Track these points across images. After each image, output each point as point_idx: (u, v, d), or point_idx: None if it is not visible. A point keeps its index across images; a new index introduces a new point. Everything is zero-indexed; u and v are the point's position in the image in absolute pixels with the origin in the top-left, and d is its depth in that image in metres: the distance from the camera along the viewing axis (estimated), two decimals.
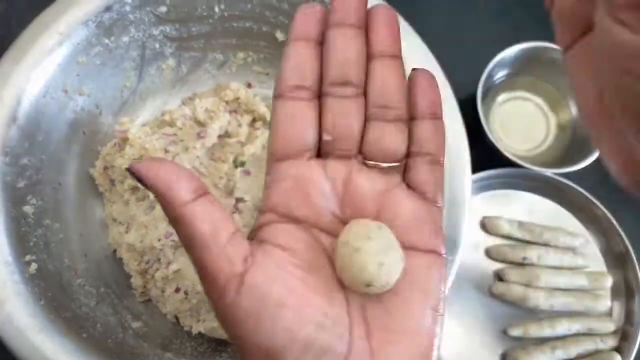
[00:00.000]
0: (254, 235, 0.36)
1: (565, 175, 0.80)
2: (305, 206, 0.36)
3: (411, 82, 0.39)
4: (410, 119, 0.38)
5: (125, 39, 0.68)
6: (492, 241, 0.82)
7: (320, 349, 0.31)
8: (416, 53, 0.64)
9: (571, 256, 0.80)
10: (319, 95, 0.38)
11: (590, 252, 0.83)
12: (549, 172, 0.80)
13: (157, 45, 0.72)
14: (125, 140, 0.67)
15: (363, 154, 0.37)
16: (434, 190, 0.37)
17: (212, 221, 0.32)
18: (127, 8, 0.65)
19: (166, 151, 0.65)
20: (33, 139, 0.61)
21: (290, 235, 0.35)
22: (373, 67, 0.38)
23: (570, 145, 0.86)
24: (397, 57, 0.39)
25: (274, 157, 0.37)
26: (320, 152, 0.38)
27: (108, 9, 0.64)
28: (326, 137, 0.37)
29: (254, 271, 0.32)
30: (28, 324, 0.53)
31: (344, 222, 0.36)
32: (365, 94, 0.38)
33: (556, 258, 0.79)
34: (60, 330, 0.55)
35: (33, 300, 0.55)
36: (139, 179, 0.32)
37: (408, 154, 0.38)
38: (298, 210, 0.36)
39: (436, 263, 0.35)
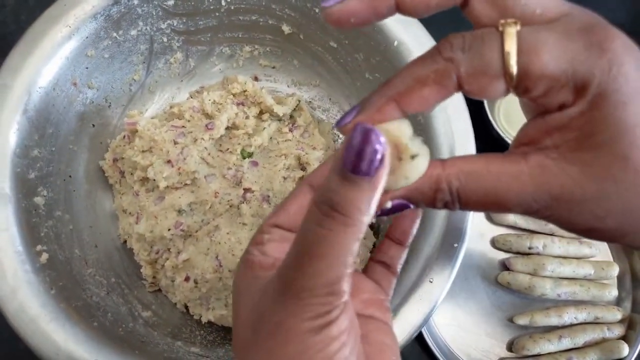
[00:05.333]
0: None
1: None
2: None
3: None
4: (385, 236, 0.45)
5: (134, 32, 0.69)
6: (498, 231, 0.82)
7: None
8: (421, 44, 0.64)
9: (577, 245, 0.80)
10: None
11: (596, 241, 0.83)
12: None
13: (165, 39, 0.72)
14: (134, 132, 0.67)
15: None
16: (386, 287, 0.45)
17: None
18: (135, 1, 0.66)
19: (175, 143, 0.65)
20: (43, 131, 0.62)
21: None
22: None
23: None
24: None
25: None
26: None
27: (116, 2, 0.65)
28: None
29: None
30: (39, 313, 0.54)
31: None
32: None
33: (562, 247, 0.79)
34: (71, 319, 0.56)
35: (44, 290, 0.56)
36: None
37: (371, 258, 0.46)
38: None
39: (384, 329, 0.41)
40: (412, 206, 0.35)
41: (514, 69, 0.30)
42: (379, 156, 0.30)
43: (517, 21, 0.31)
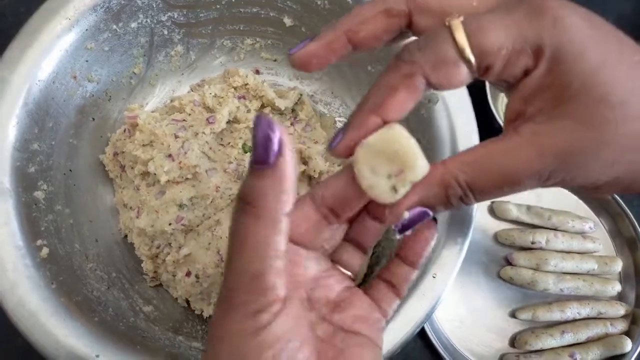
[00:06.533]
0: None
1: None
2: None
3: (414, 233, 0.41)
4: (396, 255, 0.43)
5: (134, 25, 0.68)
6: (501, 226, 0.82)
7: None
8: None
9: (580, 240, 0.80)
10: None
11: (599, 236, 0.82)
12: None
13: (165, 32, 0.72)
14: (134, 126, 0.67)
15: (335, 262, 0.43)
16: (385, 308, 0.42)
17: None
18: None
19: (176, 137, 0.65)
20: (43, 124, 0.61)
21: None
22: None
23: None
24: None
25: None
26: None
27: None
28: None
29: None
30: (39, 308, 0.54)
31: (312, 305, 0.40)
32: None
33: (565, 242, 0.79)
34: (71, 313, 0.55)
35: (44, 284, 0.55)
36: None
37: (378, 275, 0.44)
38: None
39: (369, 346, 0.39)
40: (430, 213, 0.36)
41: (468, 51, 0.33)
42: (275, 146, 0.30)
43: (460, 15, 0.34)
